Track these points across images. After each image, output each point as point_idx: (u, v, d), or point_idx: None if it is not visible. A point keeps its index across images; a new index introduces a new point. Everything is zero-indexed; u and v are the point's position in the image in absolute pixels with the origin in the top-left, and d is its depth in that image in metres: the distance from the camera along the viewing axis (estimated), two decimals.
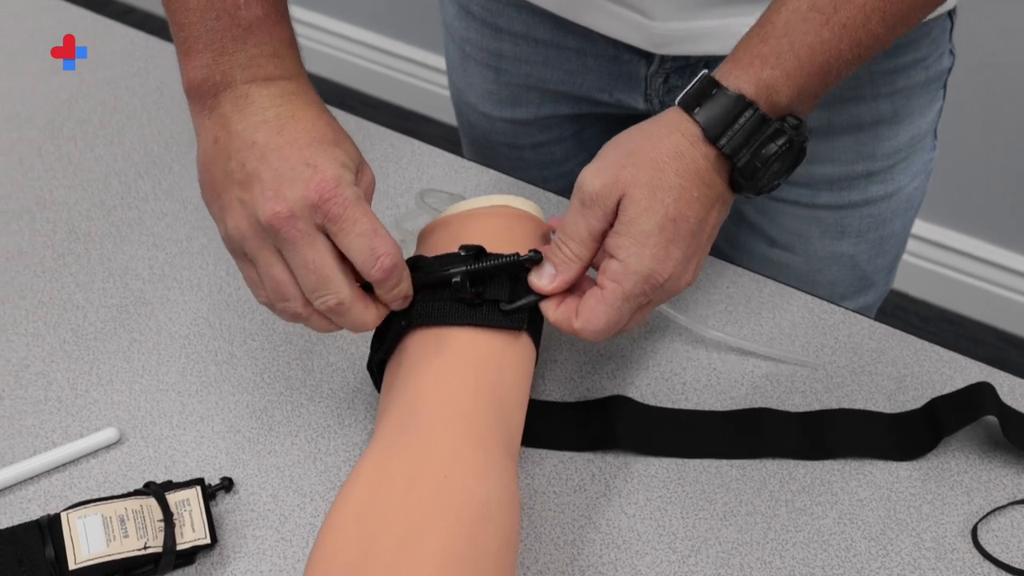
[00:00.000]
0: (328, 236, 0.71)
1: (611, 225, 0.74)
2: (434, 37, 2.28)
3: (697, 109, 0.73)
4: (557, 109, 1.11)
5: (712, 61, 0.97)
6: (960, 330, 2.21)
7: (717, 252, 1.00)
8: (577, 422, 0.85)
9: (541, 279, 0.76)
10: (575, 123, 1.13)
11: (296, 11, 0.79)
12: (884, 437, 0.83)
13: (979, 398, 0.82)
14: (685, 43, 0.95)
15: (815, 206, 1.04)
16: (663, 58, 0.99)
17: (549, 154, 1.16)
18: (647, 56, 1.00)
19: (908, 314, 2.22)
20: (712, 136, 0.73)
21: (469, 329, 0.76)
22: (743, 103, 0.72)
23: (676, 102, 0.75)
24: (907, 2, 0.72)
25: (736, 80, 0.73)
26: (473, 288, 0.75)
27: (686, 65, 0.99)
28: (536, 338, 0.80)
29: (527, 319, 0.77)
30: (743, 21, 0.87)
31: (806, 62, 0.72)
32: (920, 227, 2.16)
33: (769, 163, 0.74)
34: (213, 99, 0.74)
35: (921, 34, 0.96)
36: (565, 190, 1.04)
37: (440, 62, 2.50)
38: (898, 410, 0.85)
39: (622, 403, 0.85)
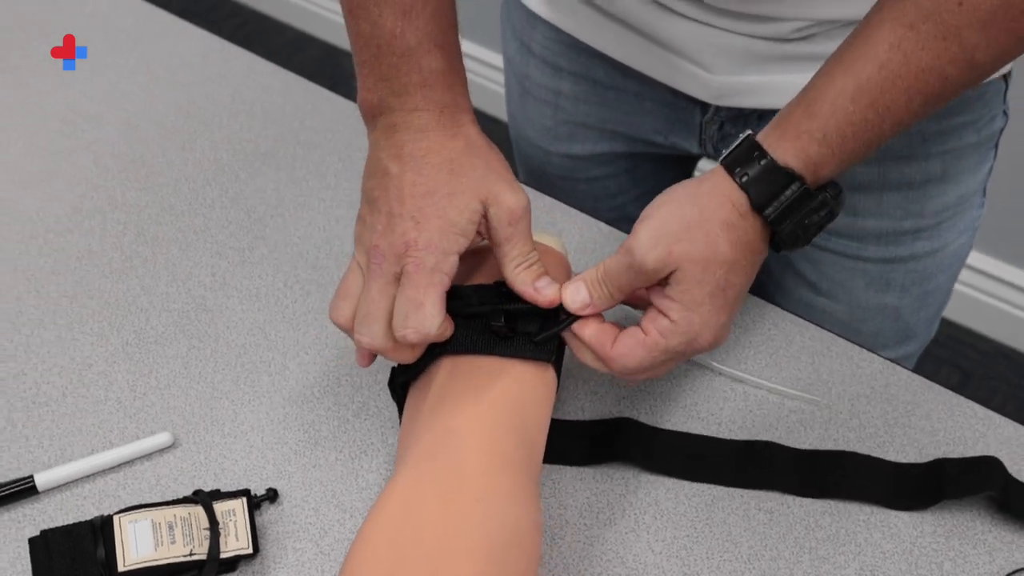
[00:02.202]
0: None
1: (656, 283, 0.77)
2: (488, 32, 2.30)
3: (742, 174, 0.75)
4: (613, 147, 1.13)
5: (767, 113, 0.99)
6: (1012, 364, 2.20)
7: (762, 294, 1.02)
8: (583, 438, 0.88)
9: (575, 302, 0.79)
10: (629, 160, 1.16)
11: None
12: (883, 485, 0.85)
13: (986, 472, 0.84)
14: (742, 96, 0.98)
15: (861, 258, 1.06)
16: (719, 107, 1.01)
17: (603, 188, 1.18)
18: (703, 104, 1.02)
19: (965, 347, 2.22)
20: (758, 206, 0.75)
21: (500, 359, 0.79)
22: (790, 177, 0.75)
23: (720, 161, 0.77)
24: (948, 85, 0.73)
25: (784, 153, 0.75)
26: (511, 325, 0.79)
27: (740, 115, 1.01)
28: (558, 371, 0.83)
29: (555, 353, 0.81)
30: (801, 77, 0.89)
31: (850, 140, 0.74)
32: (985, 262, 2.15)
33: (810, 229, 0.77)
34: (372, 120, 0.81)
35: (974, 97, 0.97)
36: (616, 220, 1.06)
37: (489, 56, 2.53)
38: None
39: (628, 425, 0.88)
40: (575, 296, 0.79)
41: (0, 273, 1.01)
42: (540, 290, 0.79)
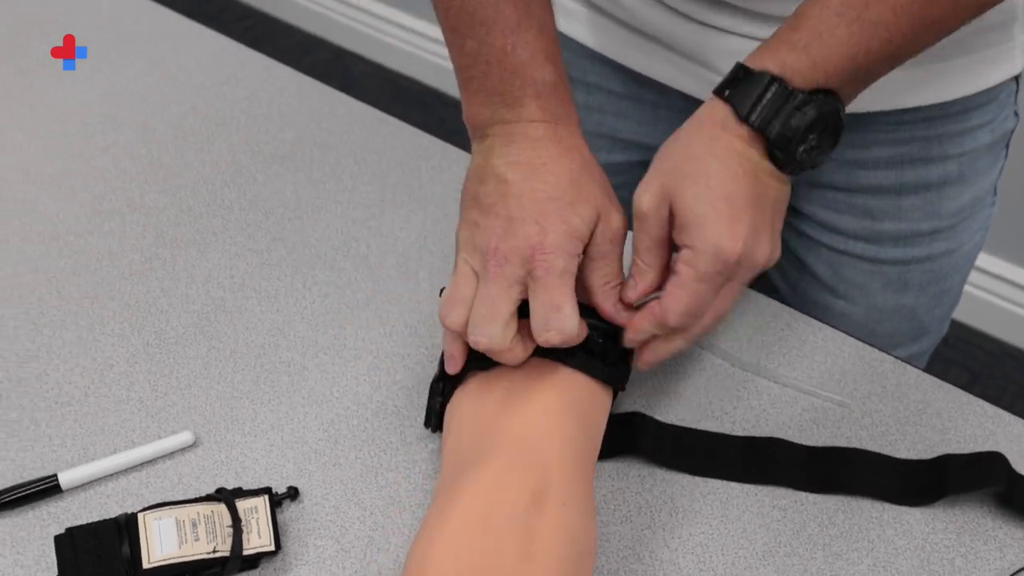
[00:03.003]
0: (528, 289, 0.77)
1: (672, 228, 0.79)
2: None
3: (724, 90, 0.77)
4: (628, 157, 1.15)
5: None
6: (1019, 364, 2.21)
7: (779, 297, 1.04)
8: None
9: (628, 294, 0.81)
10: (645, 169, 1.17)
11: (376, 7, 0.84)
12: (888, 480, 0.86)
13: (988, 467, 0.85)
14: None
15: (879, 260, 1.07)
16: None
17: (618, 198, 1.19)
18: None
19: (973, 348, 2.23)
20: (742, 114, 0.76)
21: (581, 373, 0.81)
22: (768, 78, 0.75)
23: (712, 92, 0.79)
24: (940, 7, 0.74)
25: (762, 61, 0.76)
26: (603, 344, 0.82)
27: None
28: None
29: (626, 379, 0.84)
30: None
31: (834, 53, 0.75)
32: (994, 264, 2.16)
33: (800, 133, 0.76)
34: (482, 132, 0.82)
35: (988, 99, 0.99)
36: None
37: None
38: None
39: (640, 419, 0.89)
40: (626, 291, 0.81)
41: (22, 275, 1.02)
42: (618, 312, 0.81)
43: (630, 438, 0.88)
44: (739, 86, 0.77)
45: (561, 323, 0.76)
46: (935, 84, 0.96)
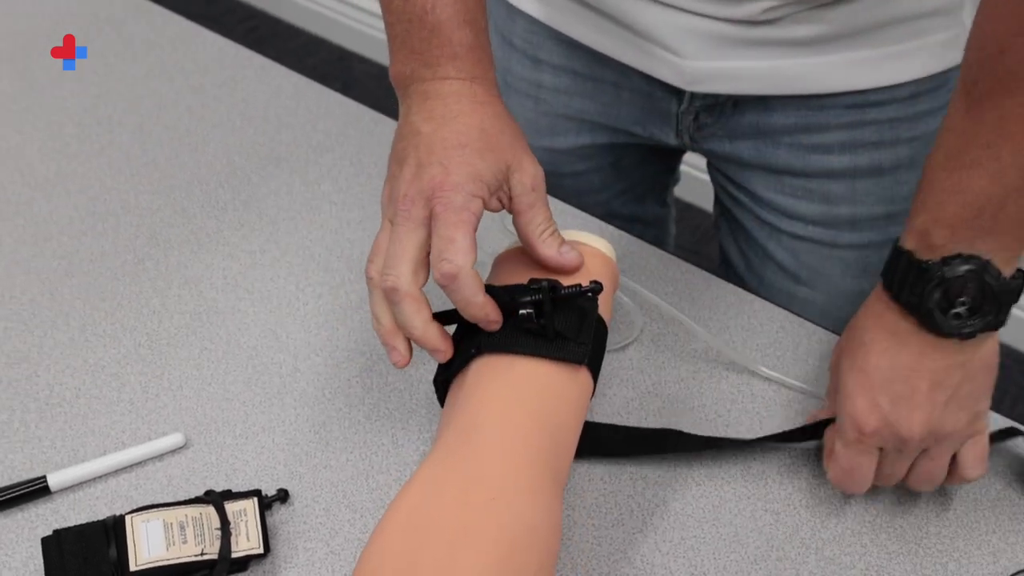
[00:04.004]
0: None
1: None
2: None
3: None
4: (595, 139, 1.16)
5: (742, 101, 1.02)
6: (1021, 367, 2.20)
7: (744, 286, 1.04)
8: (627, 439, 0.90)
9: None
10: (612, 153, 1.18)
11: (379, 8, 0.86)
12: None
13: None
14: (714, 82, 1.00)
15: (837, 245, 1.09)
16: (693, 95, 1.04)
17: (587, 183, 1.20)
18: (678, 93, 1.05)
19: None
20: (884, 284, 0.82)
21: (534, 359, 0.80)
22: (899, 251, 0.80)
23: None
24: None
25: (902, 238, 0.81)
26: (539, 320, 0.79)
27: (715, 104, 1.04)
28: (595, 374, 0.83)
29: (588, 354, 0.80)
30: (771, 63, 0.91)
31: (946, 203, 0.77)
32: None
33: (934, 301, 0.78)
34: (404, 90, 0.85)
35: (939, 83, 1.00)
36: (601, 217, 1.09)
37: None
38: None
39: (673, 435, 0.89)
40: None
41: (14, 275, 1.02)
42: (564, 255, 0.81)
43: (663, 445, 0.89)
44: (889, 262, 0.82)
45: (453, 253, 0.76)
46: (885, 67, 0.97)
